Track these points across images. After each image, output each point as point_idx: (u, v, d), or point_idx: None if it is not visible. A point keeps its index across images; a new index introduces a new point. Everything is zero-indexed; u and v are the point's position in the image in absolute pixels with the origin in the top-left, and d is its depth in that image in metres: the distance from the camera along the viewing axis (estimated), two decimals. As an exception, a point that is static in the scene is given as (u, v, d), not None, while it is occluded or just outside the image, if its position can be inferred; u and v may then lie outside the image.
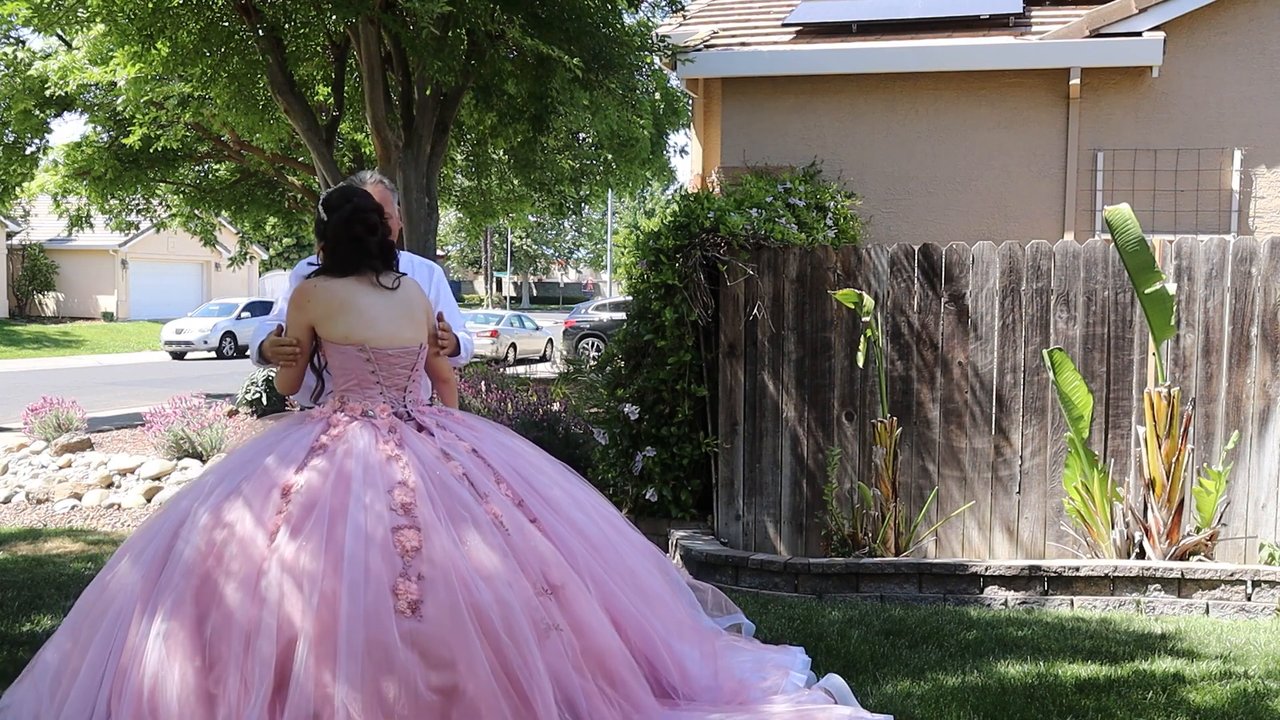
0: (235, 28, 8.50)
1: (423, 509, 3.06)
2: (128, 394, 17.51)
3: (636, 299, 6.89)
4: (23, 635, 4.49)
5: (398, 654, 2.82)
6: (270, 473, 3.17)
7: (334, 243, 3.44)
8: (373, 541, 2.96)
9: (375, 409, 3.35)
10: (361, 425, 3.28)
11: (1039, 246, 6.38)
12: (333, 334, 3.37)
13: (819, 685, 3.41)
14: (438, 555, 2.98)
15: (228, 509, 3.09)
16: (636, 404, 6.78)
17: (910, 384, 6.50)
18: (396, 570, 2.93)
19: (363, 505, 3.03)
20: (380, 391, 3.39)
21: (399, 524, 3.01)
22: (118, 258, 35.72)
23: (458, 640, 2.87)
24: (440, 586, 2.92)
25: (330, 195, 3.53)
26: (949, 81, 9.10)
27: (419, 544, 2.98)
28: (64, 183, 14.51)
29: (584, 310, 27.36)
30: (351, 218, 3.43)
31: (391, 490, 3.08)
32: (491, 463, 3.36)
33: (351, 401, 3.37)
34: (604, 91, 8.86)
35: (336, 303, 3.38)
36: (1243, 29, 8.71)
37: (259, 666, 2.81)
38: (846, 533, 6.13)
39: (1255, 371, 6.10)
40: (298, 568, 2.92)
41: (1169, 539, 5.55)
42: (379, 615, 2.85)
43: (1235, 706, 3.54)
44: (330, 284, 3.41)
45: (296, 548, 2.95)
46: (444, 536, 3.02)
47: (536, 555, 3.15)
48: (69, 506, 9.34)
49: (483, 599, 2.94)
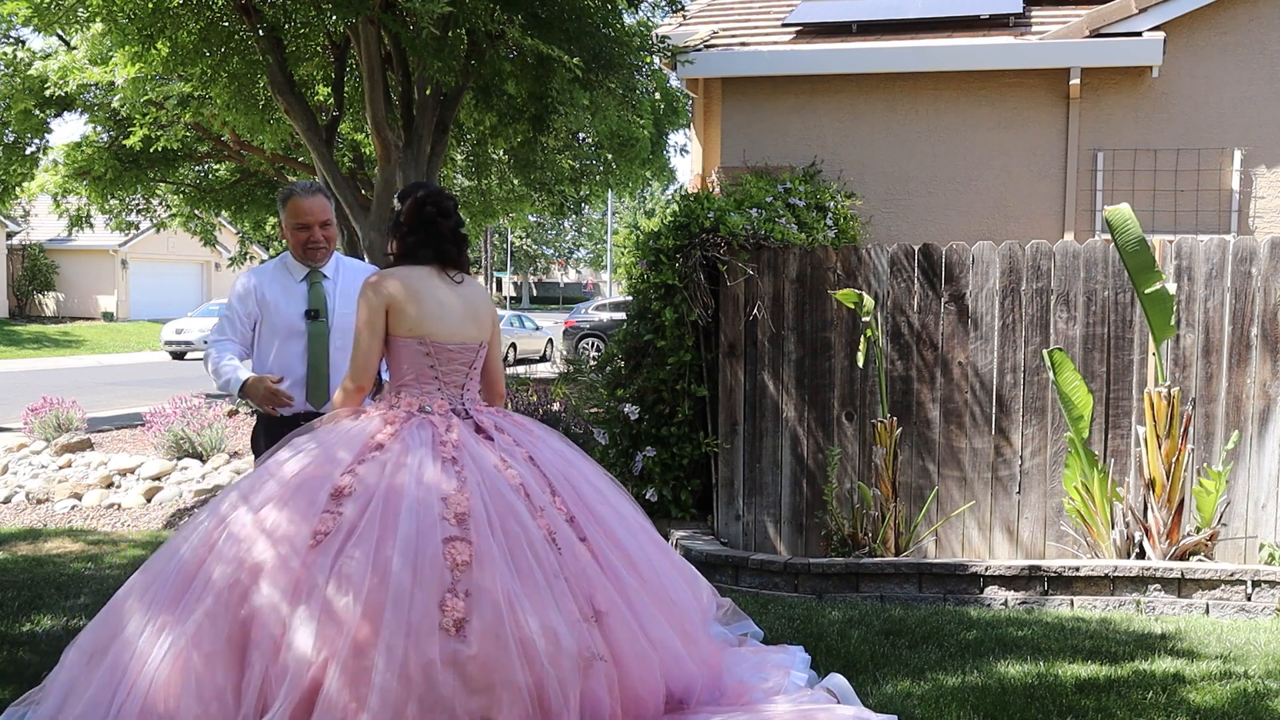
0: (235, 28, 8.50)
1: (476, 521, 2.94)
2: (128, 394, 17.51)
3: (636, 299, 6.89)
4: (23, 635, 4.49)
5: (437, 674, 2.71)
6: (321, 471, 3.05)
7: (407, 227, 3.38)
8: (423, 553, 2.84)
9: (432, 404, 3.26)
10: (419, 424, 3.17)
11: (1039, 246, 6.38)
12: (398, 326, 3.29)
13: (821, 685, 3.39)
14: (488, 572, 2.86)
15: (274, 507, 2.98)
16: (636, 404, 6.78)
17: (910, 384, 6.50)
18: (445, 584, 2.81)
19: (415, 513, 2.90)
20: (438, 388, 3.30)
21: (451, 534, 2.89)
22: (118, 258, 35.72)
23: (500, 665, 2.75)
24: (487, 606, 2.80)
25: (405, 188, 3.50)
26: (949, 81, 9.10)
27: (469, 558, 2.86)
28: (64, 183, 14.51)
29: (584, 310, 27.35)
30: (426, 199, 3.38)
31: (446, 498, 2.97)
32: (547, 472, 3.25)
33: (408, 396, 3.28)
34: (604, 91, 8.86)
35: (407, 293, 3.29)
36: (1243, 29, 8.71)
37: (289, 674, 2.69)
38: (846, 533, 6.13)
39: (1255, 371, 6.10)
40: (342, 575, 2.80)
41: (1169, 539, 5.55)
42: (422, 631, 2.74)
43: (1235, 706, 3.54)
44: (402, 272, 3.33)
45: (343, 554, 2.83)
46: (495, 552, 2.90)
47: (584, 578, 3.04)
48: (69, 506, 9.34)
49: (529, 623, 2.83)
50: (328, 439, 3.18)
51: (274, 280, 4.14)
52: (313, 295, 4.09)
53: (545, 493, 3.17)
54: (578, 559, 3.06)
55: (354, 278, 4.11)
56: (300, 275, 4.12)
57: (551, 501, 3.16)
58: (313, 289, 4.10)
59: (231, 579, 2.87)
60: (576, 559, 3.06)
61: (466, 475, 3.05)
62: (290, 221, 4.09)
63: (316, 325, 4.07)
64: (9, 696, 3.63)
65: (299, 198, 4.08)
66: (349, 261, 4.32)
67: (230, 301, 4.19)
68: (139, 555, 6.83)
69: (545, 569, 2.97)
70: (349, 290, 4.04)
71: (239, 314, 4.14)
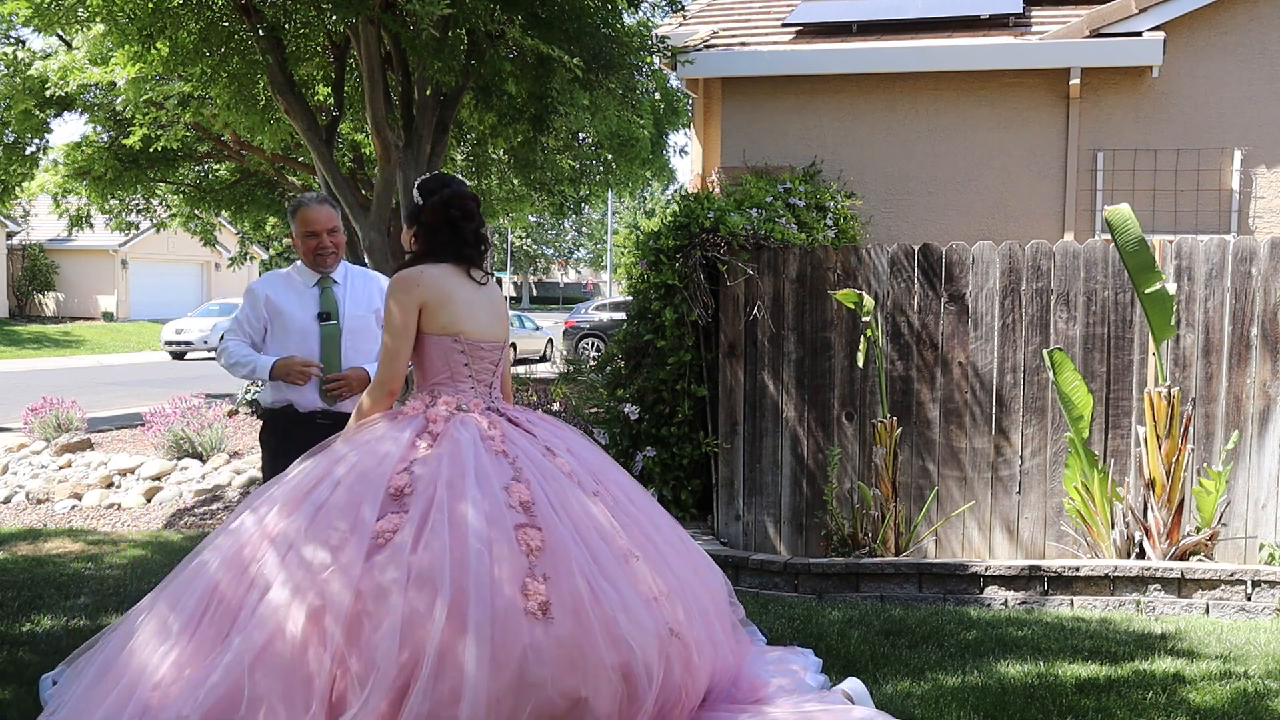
0: (235, 28, 8.50)
1: (541, 507, 2.94)
2: (128, 394, 17.51)
3: (636, 299, 6.89)
4: (23, 635, 4.49)
5: (528, 659, 2.68)
6: (372, 474, 2.99)
7: (430, 228, 3.35)
8: (497, 542, 2.82)
9: (469, 403, 3.24)
10: (461, 421, 3.14)
11: (1039, 246, 6.38)
12: (432, 323, 3.26)
13: (838, 688, 3.38)
14: (562, 555, 2.85)
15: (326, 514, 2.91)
16: (636, 404, 6.78)
17: (910, 384, 6.50)
18: (523, 570, 2.79)
19: (480, 505, 2.89)
20: (472, 386, 3.29)
21: (520, 522, 2.88)
22: (118, 258, 35.72)
23: (587, 646, 2.74)
24: (566, 588, 2.79)
25: (426, 180, 3.45)
26: (949, 81, 9.10)
27: (542, 543, 2.85)
28: (64, 183, 14.51)
29: (584, 310, 27.35)
30: (449, 202, 3.35)
31: (507, 487, 2.96)
32: (586, 463, 3.26)
33: (444, 395, 3.25)
34: (604, 91, 8.86)
35: (440, 291, 3.27)
36: (1243, 29, 8.71)
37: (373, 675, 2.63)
38: (846, 533, 6.13)
39: (1255, 371, 6.10)
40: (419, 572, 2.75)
41: (1169, 539, 5.55)
42: (509, 618, 2.71)
43: (1235, 706, 3.54)
44: (431, 270, 3.31)
45: (417, 551, 2.79)
46: (566, 535, 2.90)
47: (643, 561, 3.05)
48: (69, 506, 9.34)
49: (609, 602, 2.82)
50: (370, 442, 3.13)
51: (286, 286, 4.40)
52: (324, 299, 4.35)
53: (591, 480, 3.19)
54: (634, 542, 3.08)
55: (362, 283, 4.43)
56: (311, 281, 4.39)
57: (598, 487, 3.18)
58: (324, 293, 4.36)
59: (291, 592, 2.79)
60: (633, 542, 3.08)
61: (520, 465, 3.05)
62: (300, 230, 4.34)
63: (329, 327, 4.31)
64: (9, 696, 3.63)
65: (307, 208, 4.34)
66: (356, 269, 4.55)
67: (243, 306, 4.43)
68: (139, 555, 6.83)
69: (614, 549, 2.98)
70: (357, 294, 4.37)
71: (250, 318, 4.39)
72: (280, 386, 4.32)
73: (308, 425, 4.23)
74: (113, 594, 5.43)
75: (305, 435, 4.18)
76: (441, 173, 3.54)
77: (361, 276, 4.49)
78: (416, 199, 3.41)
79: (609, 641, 2.77)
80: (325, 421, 4.27)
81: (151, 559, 6.69)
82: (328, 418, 4.27)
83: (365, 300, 4.42)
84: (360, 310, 4.38)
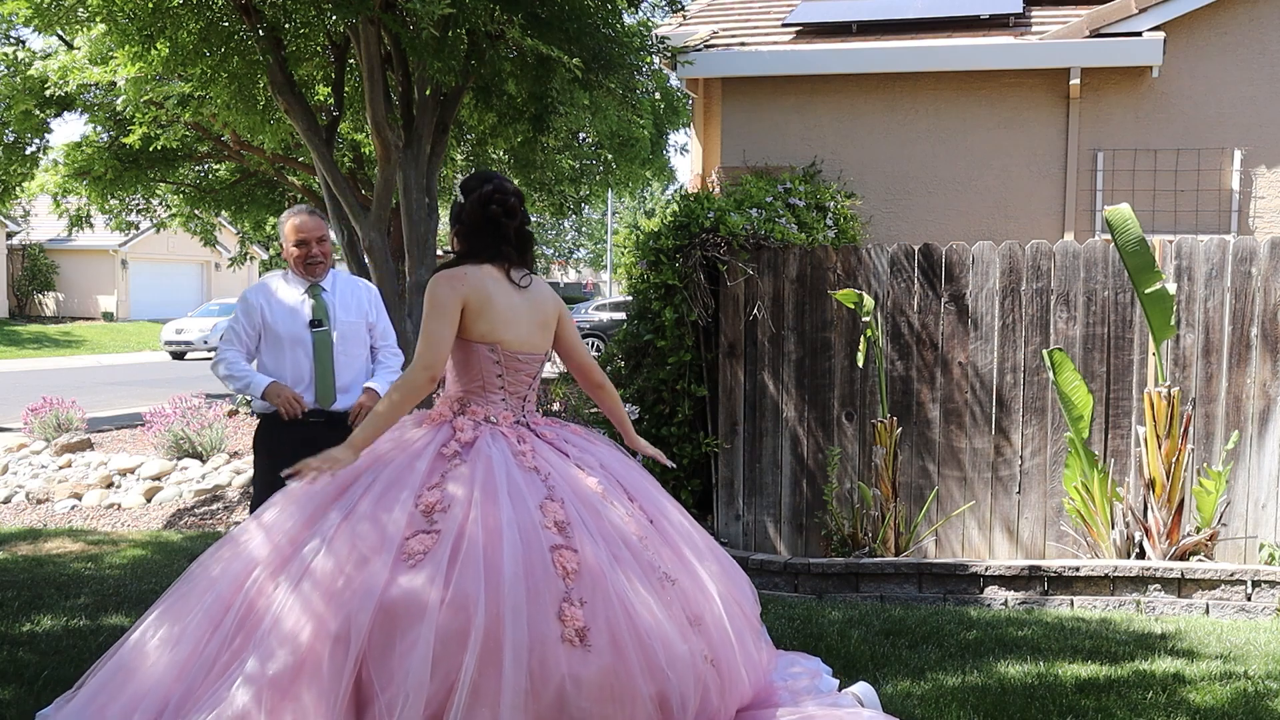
0: (235, 28, 8.49)
1: (575, 528, 2.82)
2: (128, 394, 17.51)
3: (636, 299, 6.89)
4: (23, 635, 4.49)
5: (566, 688, 2.58)
6: (400, 488, 2.87)
7: (470, 226, 3.20)
8: (533, 564, 2.70)
9: (498, 415, 3.12)
10: (491, 434, 3.02)
11: (1039, 246, 6.38)
12: (471, 329, 3.11)
13: (848, 690, 3.37)
14: (599, 578, 2.74)
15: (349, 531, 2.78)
16: (636, 404, 6.78)
17: (910, 384, 6.51)
18: (559, 594, 2.68)
19: (516, 524, 2.76)
20: (503, 399, 3.15)
21: (555, 543, 2.76)
22: (118, 258, 35.71)
23: (623, 674, 2.65)
24: (603, 613, 2.69)
25: (468, 178, 3.33)
26: (949, 81, 9.10)
27: (578, 566, 2.73)
28: (64, 183, 14.49)
29: (584, 310, 27.35)
30: (489, 198, 3.19)
31: (542, 506, 2.84)
32: (621, 479, 3.15)
33: (474, 405, 3.12)
34: (604, 91, 8.85)
35: (482, 295, 3.11)
36: (1243, 29, 8.71)
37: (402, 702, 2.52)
38: (846, 533, 6.13)
39: (1255, 371, 6.10)
40: (455, 594, 2.63)
41: (1169, 539, 5.55)
42: (547, 646, 2.60)
43: (1235, 706, 3.54)
44: (474, 272, 3.14)
45: (452, 571, 2.66)
46: (602, 558, 2.79)
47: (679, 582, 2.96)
48: (69, 506, 9.34)
49: (645, 629, 2.72)
50: (397, 455, 3.01)
51: (277, 294, 4.51)
52: (315, 306, 4.46)
53: (625, 499, 3.07)
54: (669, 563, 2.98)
55: (350, 290, 4.58)
56: (302, 289, 4.49)
57: (632, 507, 3.06)
58: (315, 300, 4.47)
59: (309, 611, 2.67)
60: (667, 563, 2.97)
61: (553, 483, 2.94)
62: (291, 239, 4.47)
63: (321, 333, 4.43)
64: (9, 696, 3.63)
65: (297, 218, 4.47)
66: (344, 276, 4.70)
67: (236, 315, 4.53)
68: (139, 555, 6.83)
69: (649, 573, 2.87)
70: (347, 301, 4.51)
71: (244, 327, 4.49)
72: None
73: (301, 427, 4.33)
74: (113, 594, 5.43)
75: (299, 436, 4.28)
76: (485, 170, 3.42)
77: (350, 283, 4.64)
78: (459, 198, 3.29)
79: (646, 670, 2.69)
80: (317, 421, 4.38)
81: (151, 559, 6.69)
82: (319, 417, 4.39)
83: (355, 307, 4.54)
84: (351, 317, 4.51)
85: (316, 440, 4.25)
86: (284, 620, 2.68)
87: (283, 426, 4.34)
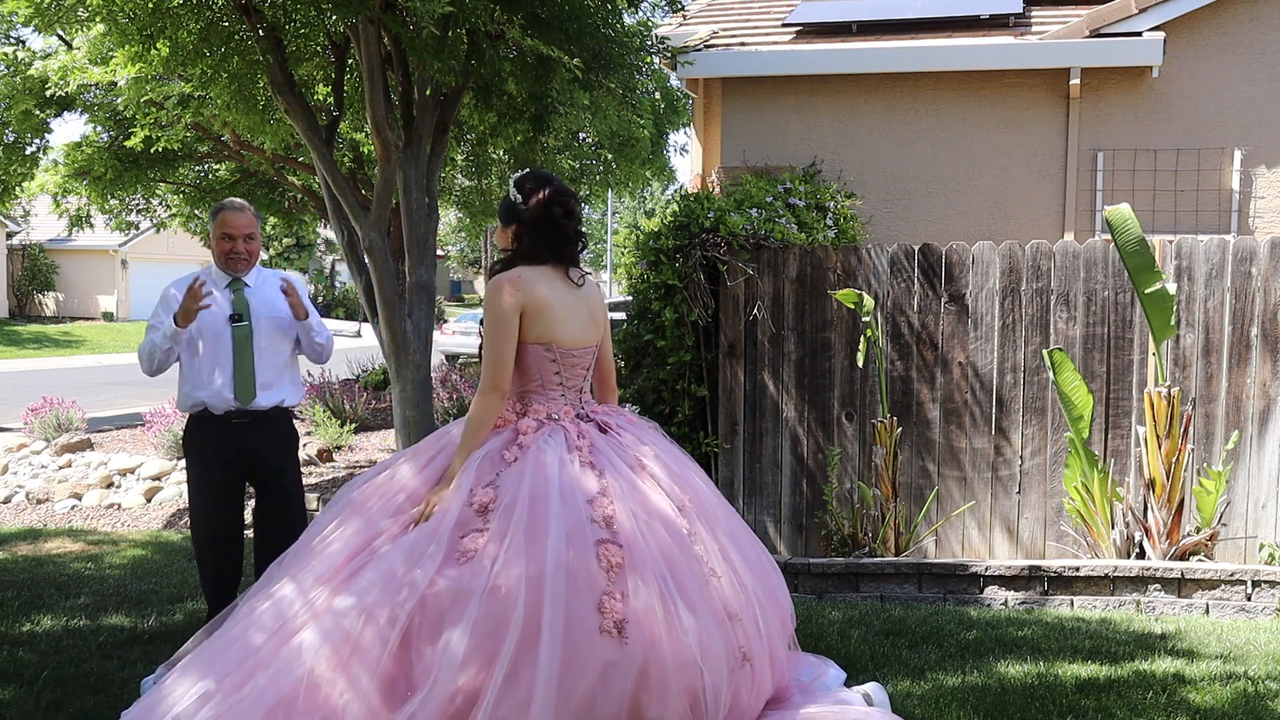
0: (235, 28, 8.49)
1: (622, 523, 2.90)
2: (128, 394, 17.51)
3: (636, 299, 6.89)
4: (23, 635, 4.49)
5: (600, 678, 2.67)
6: (459, 491, 2.98)
7: (533, 226, 3.24)
8: (576, 559, 2.79)
9: (559, 411, 3.19)
10: (551, 431, 3.11)
11: (1039, 246, 6.38)
12: (528, 332, 3.18)
13: (857, 689, 3.38)
14: (641, 573, 2.82)
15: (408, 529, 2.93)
16: (636, 404, 6.78)
17: (910, 384, 6.50)
18: (601, 587, 2.77)
19: (563, 519, 2.86)
20: (562, 394, 3.23)
21: (601, 537, 2.85)
22: (118, 258, 35.72)
23: (658, 667, 2.72)
24: (643, 607, 2.76)
25: (524, 176, 3.35)
26: (949, 81, 9.10)
27: (622, 561, 2.82)
28: (64, 183, 14.48)
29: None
30: (553, 199, 3.25)
31: (591, 500, 2.93)
32: (672, 470, 3.22)
33: (535, 404, 3.20)
34: (604, 91, 8.84)
35: (539, 298, 3.18)
36: (1243, 29, 8.71)
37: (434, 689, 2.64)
38: (846, 533, 6.13)
39: (1255, 371, 6.10)
40: (497, 589, 2.75)
41: (1169, 539, 5.55)
42: (585, 635, 2.70)
43: (1235, 706, 3.54)
44: (530, 274, 3.21)
45: (495, 569, 2.78)
46: (646, 553, 2.86)
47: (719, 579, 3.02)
48: (69, 506, 9.34)
49: (684, 624, 2.80)
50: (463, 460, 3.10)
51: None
52: (235, 300, 4.43)
53: (676, 490, 3.15)
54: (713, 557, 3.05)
55: (271, 284, 4.52)
56: (223, 283, 4.47)
57: (682, 499, 3.13)
58: (235, 295, 4.44)
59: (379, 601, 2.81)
60: (712, 557, 3.05)
61: (607, 478, 3.02)
62: (217, 232, 4.46)
63: (240, 328, 4.39)
64: (9, 696, 3.63)
65: (228, 213, 4.48)
66: (269, 272, 4.67)
67: (156, 309, 4.50)
68: (139, 555, 6.83)
69: (694, 568, 2.94)
70: (268, 297, 4.46)
71: (162, 320, 4.43)
72: (192, 391, 4.39)
73: (223, 425, 4.34)
74: (113, 594, 5.43)
75: (222, 435, 4.30)
76: (539, 169, 3.44)
77: (274, 279, 4.59)
78: (515, 197, 3.30)
79: (680, 665, 2.75)
80: (241, 421, 4.36)
81: (151, 559, 6.69)
82: (243, 416, 4.35)
83: (276, 302, 4.48)
84: (272, 312, 4.46)
85: (240, 439, 4.31)
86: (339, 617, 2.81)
87: (208, 425, 4.34)
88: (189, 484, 4.55)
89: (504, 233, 3.35)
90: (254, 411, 4.35)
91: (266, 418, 4.38)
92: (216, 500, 4.40)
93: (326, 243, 42.48)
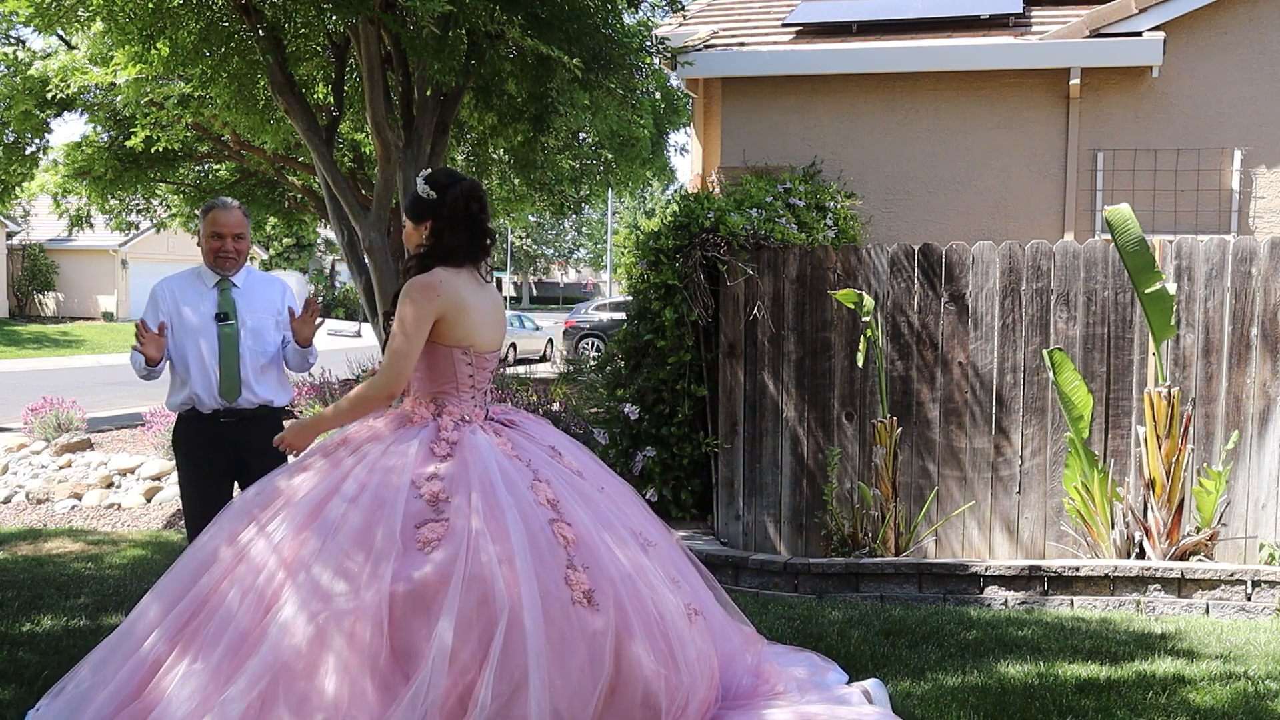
0: (235, 28, 8.49)
1: (565, 503, 3.00)
2: (128, 394, 17.50)
3: (636, 299, 6.89)
4: (23, 635, 4.49)
5: (583, 646, 2.77)
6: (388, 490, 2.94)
7: (452, 223, 3.20)
8: (536, 537, 2.88)
9: (470, 414, 3.21)
10: (471, 430, 3.13)
11: (1039, 246, 6.38)
12: (447, 336, 3.16)
13: (857, 685, 3.38)
14: (594, 546, 2.94)
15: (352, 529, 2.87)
16: (636, 404, 6.78)
17: (910, 384, 6.51)
18: (563, 561, 2.87)
19: (515, 506, 2.93)
20: (472, 396, 3.24)
21: (552, 517, 2.94)
22: (118, 258, 35.72)
23: (630, 629, 2.84)
24: (604, 576, 2.88)
25: (434, 173, 3.30)
26: (949, 81, 9.10)
27: (575, 536, 2.93)
28: (64, 183, 14.49)
29: (584, 310, 27.33)
30: (470, 194, 3.22)
31: (532, 486, 3.01)
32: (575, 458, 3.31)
33: (450, 405, 3.20)
34: (604, 91, 8.85)
35: (459, 302, 3.17)
36: (1243, 29, 8.71)
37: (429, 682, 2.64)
38: (846, 533, 6.13)
39: (1255, 371, 6.10)
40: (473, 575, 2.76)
41: (1169, 539, 5.55)
42: (561, 609, 2.78)
43: (1235, 707, 3.54)
44: (450, 278, 3.18)
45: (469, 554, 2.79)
46: (591, 530, 2.98)
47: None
48: (69, 506, 9.34)
49: (642, 588, 2.93)
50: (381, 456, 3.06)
51: (187, 286, 4.50)
52: (222, 299, 4.43)
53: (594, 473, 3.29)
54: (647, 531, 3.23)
55: (263, 287, 4.54)
56: (211, 282, 4.47)
57: (600, 482, 3.27)
58: (222, 294, 4.44)
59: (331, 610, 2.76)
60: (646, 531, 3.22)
61: (536, 466, 3.10)
62: (206, 230, 4.44)
63: (227, 327, 4.39)
64: (9, 697, 3.63)
65: (218, 211, 4.45)
66: (259, 273, 4.68)
67: (146, 308, 4.49)
68: (139, 555, 6.83)
69: (635, 539, 3.09)
70: (256, 297, 4.46)
71: (151, 319, 4.41)
72: (179, 390, 4.40)
73: (212, 424, 4.36)
74: (113, 594, 5.43)
75: (212, 434, 4.33)
76: (445, 167, 3.49)
77: (263, 281, 4.60)
78: (428, 193, 3.24)
79: (644, 622, 2.89)
80: (229, 420, 4.37)
81: (151, 559, 6.69)
82: (231, 415, 4.37)
83: (264, 303, 4.49)
84: (259, 312, 4.45)
85: (229, 438, 4.33)
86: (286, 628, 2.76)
87: (198, 424, 4.37)
88: (180, 483, 4.56)
89: (417, 230, 3.28)
90: (242, 411, 4.36)
91: (255, 417, 4.39)
92: (205, 498, 4.40)
93: (326, 243, 42.47)
